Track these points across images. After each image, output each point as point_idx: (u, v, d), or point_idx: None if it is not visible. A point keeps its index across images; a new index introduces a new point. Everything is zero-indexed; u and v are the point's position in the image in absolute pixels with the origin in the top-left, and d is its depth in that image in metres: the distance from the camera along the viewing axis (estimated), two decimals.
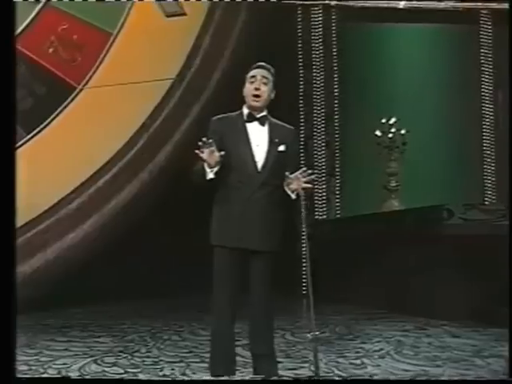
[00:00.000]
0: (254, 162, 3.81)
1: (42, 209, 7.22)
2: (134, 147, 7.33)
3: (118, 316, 6.59)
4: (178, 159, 7.16)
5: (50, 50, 7.20)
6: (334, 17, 8.29)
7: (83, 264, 7.02)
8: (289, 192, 3.80)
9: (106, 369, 4.40)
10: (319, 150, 8.30)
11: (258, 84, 3.83)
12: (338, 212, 8.38)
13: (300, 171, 3.77)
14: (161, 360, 4.66)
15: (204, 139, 3.58)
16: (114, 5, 7.33)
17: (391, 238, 6.93)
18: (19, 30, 7.08)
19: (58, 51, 7.22)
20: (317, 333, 3.59)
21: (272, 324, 3.90)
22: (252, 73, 3.88)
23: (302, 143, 8.20)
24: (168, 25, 7.46)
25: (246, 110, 3.86)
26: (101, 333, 5.78)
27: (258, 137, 3.84)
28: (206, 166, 3.63)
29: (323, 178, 8.30)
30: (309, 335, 3.60)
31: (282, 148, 3.83)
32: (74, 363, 4.59)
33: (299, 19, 8.22)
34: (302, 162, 8.18)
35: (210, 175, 3.67)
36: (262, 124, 3.85)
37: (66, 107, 7.25)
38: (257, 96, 3.80)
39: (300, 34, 8.22)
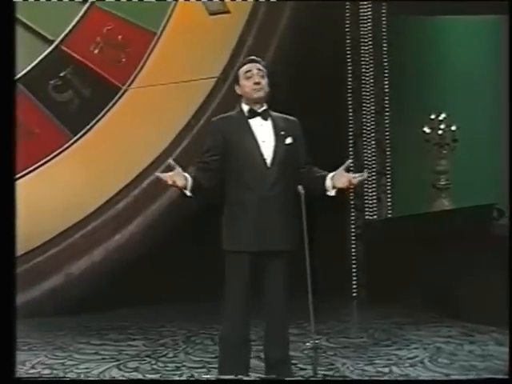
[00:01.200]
0: (263, 159, 3.71)
1: (88, 211, 7.27)
2: (179, 147, 7.29)
3: (159, 319, 6.58)
4: None
5: (96, 51, 7.23)
6: (383, 10, 8.04)
7: (128, 266, 7.02)
8: (328, 187, 3.65)
9: (126, 374, 4.39)
10: (369, 147, 8.08)
11: (257, 78, 3.74)
12: (390, 212, 8.15)
13: (344, 166, 3.64)
14: (183, 365, 4.60)
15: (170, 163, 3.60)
16: (157, 4, 7.30)
17: (441, 238, 6.71)
18: (66, 31, 7.18)
19: (103, 52, 7.24)
20: (317, 341, 3.43)
21: (287, 327, 3.79)
22: (246, 68, 3.79)
23: (350, 141, 8.03)
24: (211, 23, 7.39)
25: (245, 107, 3.78)
26: (137, 336, 5.77)
27: (263, 132, 3.74)
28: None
29: (374, 177, 8.09)
30: (308, 343, 3.45)
31: (289, 140, 3.74)
32: (96, 368, 4.59)
33: (347, 13, 8.00)
34: (352, 161, 8.01)
35: (188, 194, 3.65)
36: (265, 118, 3.75)
37: (111, 108, 7.27)
38: (259, 88, 3.70)
39: (348, 29, 8.00)
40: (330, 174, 3.74)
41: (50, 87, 7.17)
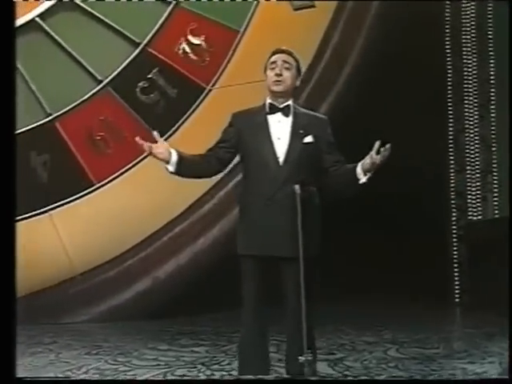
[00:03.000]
0: (275, 157, 3.45)
1: (175, 213, 7.23)
2: None
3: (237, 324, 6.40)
4: None
5: (180, 52, 7.18)
6: None
7: (211, 269, 6.90)
8: (359, 174, 3.38)
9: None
10: (472, 144, 7.53)
11: (279, 69, 3.51)
12: (496, 212, 7.56)
13: (374, 150, 3.32)
14: (230, 374, 4.39)
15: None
16: (240, 2, 7.18)
17: None
18: (152, 33, 7.18)
19: (187, 52, 7.18)
20: (309, 357, 3.11)
21: (311, 333, 3.49)
22: (272, 58, 3.57)
23: (451, 138, 7.52)
24: (296, 19, 7.17)
25: (268, 101, 3.53)
26: (206, 341, 5.61)
27: (280, 129, 3.49)
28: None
29: (478, 176, 7.53)
30: (300, 357, 3.14)
31: (308, 139, 3.46)
32: (142, 374, 4.46)
33: (447, 1, 7.51)
34: (452, 158, 7.52)
35: (170, 168, 3.45)
36: (286, 115, 3.50)
37: (196, 109, 7.20)
38: (278, 81, 3.45)
39: (448, 18, 7.50)
40: (361, 162, 3.42)
41: (137, 90, 7.19)
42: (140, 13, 7.16)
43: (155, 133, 3.45)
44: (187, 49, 7.16)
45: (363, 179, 3.40)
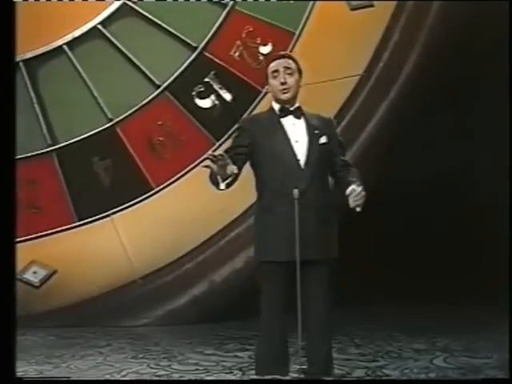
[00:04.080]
0: (297, 160, 3.38)
1: (232, 217, 7.21)
2: None
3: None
4: (363, 162, 6.69)
5: (236, 55, 7.16)
6: None
7: None
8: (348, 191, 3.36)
9: None
10: None
11: (283, 77, 3.44)
12: None
13: (348, 190, 3.24)
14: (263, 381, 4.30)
15: (218, 155, 3.18)
16: (296, 3, 7.10)
17: None
18: (208, 36, 7.20)
19: (243, 55, 7.16)
20: (304, 366, 3.00)
21: (329, 340, 3.40)
22: (273, 66, 3.52)
23: None
24: (353, 18, 7.01)
25: (276, 105, 3.48)
26: (253, 347, 5.53)
27: (296, 131, 3.44)
28: (218, 176, 3.24)
29: None
30: (296, 366, 3.03)
31: (323, 140, 3.42)
32: (179, 379, 4.44)
33: None
34: None
35: (222, 186, 3.30)
36: (298, 117, 3.44)
37: (252, 112, 7.15)
38: (285, 88, 3.39)
39: None
40: (349, 188, 3.38)
41: (193, 94, 7.22)
42: (196, 17, 7.19)
43: (226, 157, 3.28)
44: (243, 52, 7.12)
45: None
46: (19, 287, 7.28)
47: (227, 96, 7.19)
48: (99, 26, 7.34)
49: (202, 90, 7.20)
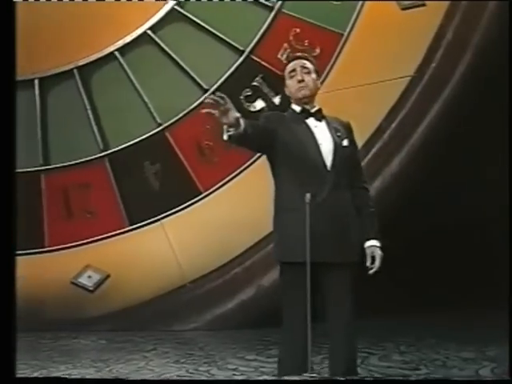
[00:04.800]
0: (323, 161, 3.28)
1: None
2: (369, 153, 6.83)
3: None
4: (413, 165, 6.56)
5: (283, 58, 7.10)
6: None
7: None
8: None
9: None
10: None
11: (300, 75, 3.35)
12: None
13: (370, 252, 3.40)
14: None
15: (219, 98, 3.18)
16: (344, 4, 6.98)
17: None
18: (255, 40, 7.16)
19: (290, 58, 7.06)
20: (314, 374, 2.89)
21: (353, 343, 3.29)
22: (290, 66, 3.44)
23: None
24: (404, 18, 6.86)
25: (297, 107, 3.41)
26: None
27: (319, 133, 3.37)
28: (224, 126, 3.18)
29: None
30: (306, 375, 2.92)
31: (345, 143, 3.35)
32: None
33: None
34: None
35: (225, 137, 3.21)
36: (319, 119, 3.38)
37: None
38: (302, 86, 3.31)
39: None
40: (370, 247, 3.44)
41: (241, 97, 7.18)
42: (243, 20, 7.17)
43: (225, 98, 3.23)
44: (290, 54, 7.03)
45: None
46: (74, 291, 7.42)
47: (275, 99, 7.12)
48: (149, 32, 7.38)
49: (249, 93, 7.16)
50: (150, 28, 7.39)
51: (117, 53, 7.49)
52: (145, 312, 7.24)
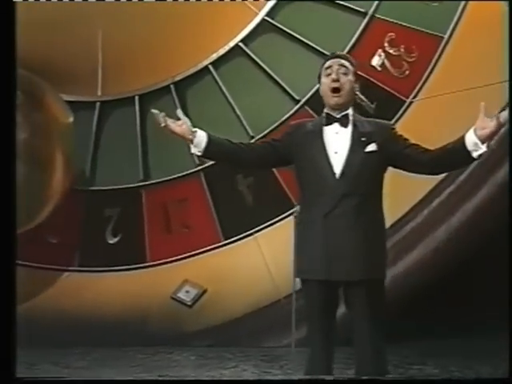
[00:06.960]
0: (332, 170, 3.15)
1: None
2: None
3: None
4: None
5: (378, 64, 6.86)
6: None
7: None
8: (472, 144, 3.16)
9: None
10: None
11: (336, 74, 3.14)
12: None
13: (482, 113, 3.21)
14: None
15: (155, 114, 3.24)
16: (444, 5, 6.67)
17: None
18: (348, 47, 6.97)
19: (385, 64, 6.85)
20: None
21: (380, 359, 3.32)
22: (327, 64, 3.21)
23: None
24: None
25: (325, 111, 3.18)
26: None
27: (337, 140, 3.17)
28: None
29: None
30: None
31: (371, 148, 3.13)
32: None
33: None
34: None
35: (193, 150, 3.32)
36: (344, 125, 3.14)
37: (395, 123, 6.75)
38: (336, 90, 3.13)
39: None
40: (471, 130, 3.18)
41: None
42: (335, 28, 7.01)
43: (179, 110, 3.40)
44: (385, 61, 6.81)
45: (479, 150, 3.17)
46: (173, 306, 7.42)
47: (369, 107, 6.87)
48: (240, 44, 7.33)
49: None
50: (242, 40, 7.33)
51: (210, 66, 7.46)
52: (239, 327, 7.14)
